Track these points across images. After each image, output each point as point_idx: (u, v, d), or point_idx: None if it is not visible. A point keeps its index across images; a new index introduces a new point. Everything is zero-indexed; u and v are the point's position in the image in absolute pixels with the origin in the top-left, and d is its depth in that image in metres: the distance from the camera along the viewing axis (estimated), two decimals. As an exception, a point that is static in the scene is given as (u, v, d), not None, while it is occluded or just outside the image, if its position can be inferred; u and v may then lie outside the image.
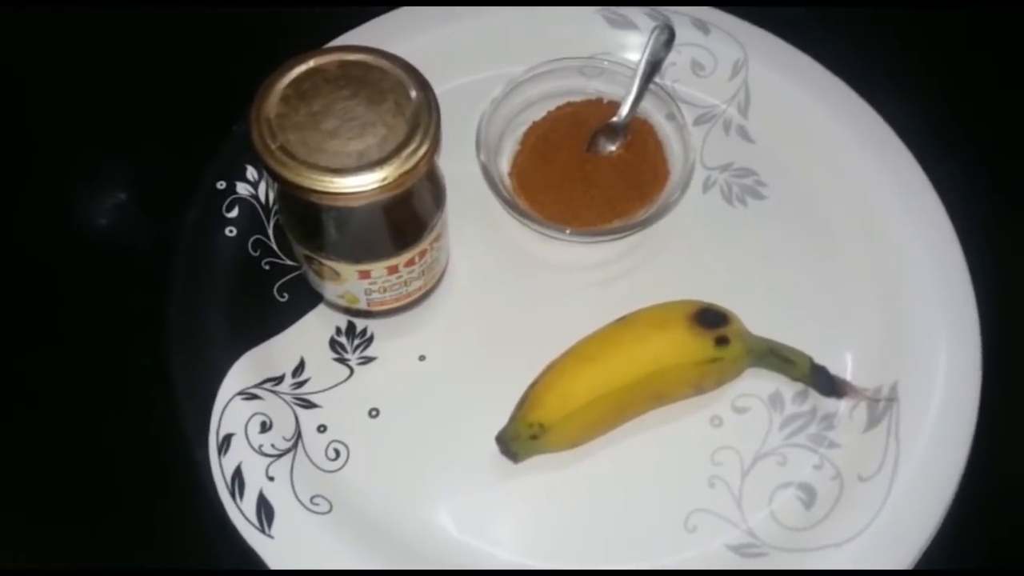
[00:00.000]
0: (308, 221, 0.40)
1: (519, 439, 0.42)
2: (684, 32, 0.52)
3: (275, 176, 0.36)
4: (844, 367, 0.45)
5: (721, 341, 0.42)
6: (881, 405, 0.44)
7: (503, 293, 0.48)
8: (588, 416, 0.42)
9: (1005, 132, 0.54)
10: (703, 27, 0.53)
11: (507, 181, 0.49)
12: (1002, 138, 0.54)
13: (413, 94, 0.37)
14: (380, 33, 0.50)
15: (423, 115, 0.37)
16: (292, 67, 0.37)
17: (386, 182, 0.36)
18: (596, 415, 0.42)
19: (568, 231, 0.47)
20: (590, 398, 0.42)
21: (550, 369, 0.43)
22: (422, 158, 0.36)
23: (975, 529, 0.42)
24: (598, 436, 0.43)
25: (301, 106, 0.37)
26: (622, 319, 0.44)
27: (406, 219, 0.40)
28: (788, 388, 0.45)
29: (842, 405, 0.45)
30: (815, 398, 0.45)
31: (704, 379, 0.43)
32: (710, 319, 0.43)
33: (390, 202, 0.37)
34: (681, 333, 0.43)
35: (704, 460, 0.43)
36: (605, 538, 0.42)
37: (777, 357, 0.44)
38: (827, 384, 0.44)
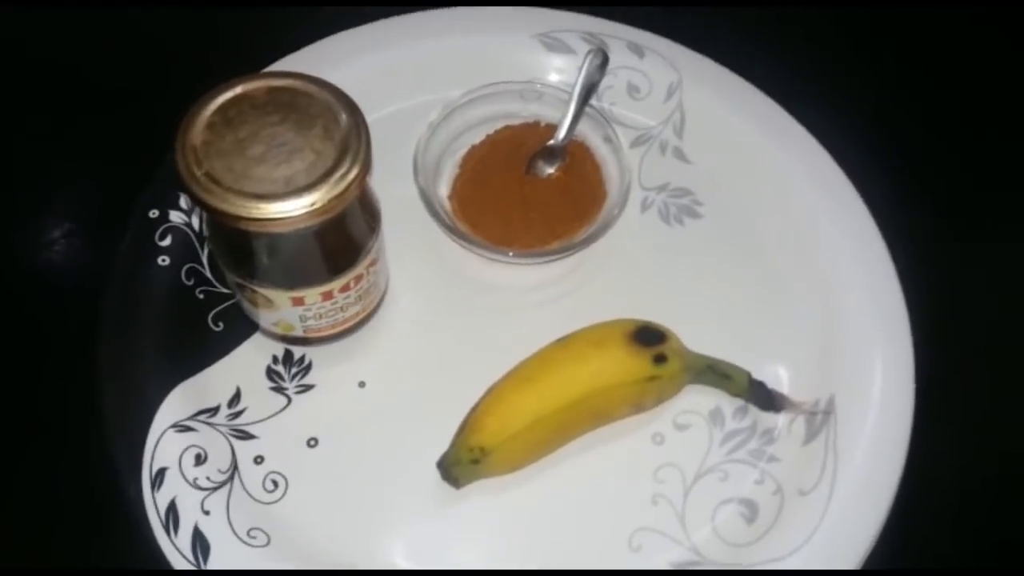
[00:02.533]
0: (238, 248, 0.39)
1: (460, 464, 0.41)
2: (619, 55, 0.53)
3: (201, 203, 0.35)
4: (781, 382, 0.46)
5: (659, 359, 0.43)
6: (819, 418, 0.45)
7: (444, 316, 0.47)
8: (529, 438, 0.42)
9: (935, 149, 0.56)
10: (638, 50, 0.54)
11: (446, 205, 0.49)
12: (932, 155, 0.55)
13: (342, 118, 0.37)
14: (316, 60, 0.50)
15: (352, 139, 0.37)
16: (218, 94, 0.37)
17: (315, 207, 0.35)
18: (537, 437, 0.42)
19: (510, 253, 0.47)
20: (530, 420, 0.41)
21: (490, 392, 0.43)
22: (352, 182, 0.36)
23: (914, 539, 0.43)
24: (540, 458, 0.43)
25: (227, 133, 0.36)
26: (561, 339, 0.44)
27: (339, 244, 0.40)
28: (728, 404, 0.45)
29: (781, 419, 0.45)
30: (755, 413, 0.45)
31: (643, 397, 0.43)
32: (648, 337, 0.43)
33: (321, 227, 0.37)
34: (619, 352, 0.43)
35: (647, 478, 0.43)
36: (550, 560, 0.41)
37: (715, 373, 0.44)
38: (765, 399, 0.44)
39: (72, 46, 0.56)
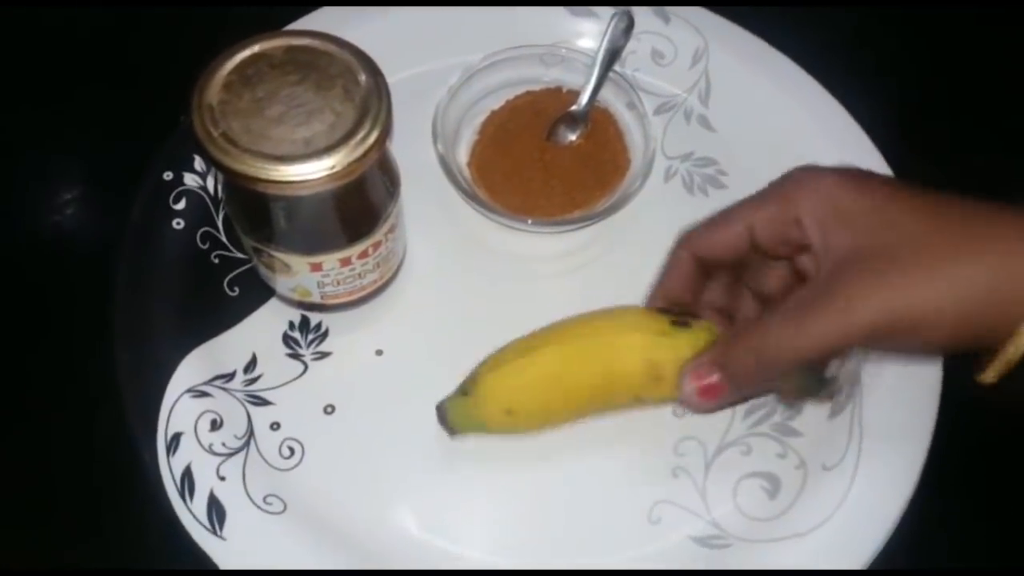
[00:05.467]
0: (255, 212, 0.39)
1: (452, 398, 0.40)
2: (644, 20, 0.52)
3: (218, 165, 0.34)
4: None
5: (679, 324, 0.40)
6: (843, 395, 0.44)
7: (462, 285, 0.47)
8: (522, 376, 0.39)
9: (965, 120, 0.54)
10: (663, 15, 0.53)
11: (466, 171, 0.48)
12: (961, 126, 0.54)
13: (362, 79, 0.36)
14: (334, 20, 0.49)
15: (373, 101, 0.36)
16: (236, 52, 0.36)
17: (335, 170, 0.34)
18: (533, 376, 0.39)
19: (529, 221, 0.46)
20: (524, 351, 0.40)
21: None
22: (372, 145, 0.35)
23: (938, 516, 0.42)
24: (540, 415, 0.40)
25: (245, 92, 0.35)
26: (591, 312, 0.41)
27: (358, 209, 0.39)
28: (751, 377, 0.45)
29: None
30: (778, 387, 0.44)
31: (656, 354, 0.39)
32: (675, 312, 0.40)
33: (340, 191, 0.36)
34: (638, 313, 0.41)
35: (667, 451, 0.43)
36: (569, 532, 0.41)
37: None
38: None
39: (86, 17, 0.55)
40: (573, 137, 0.49)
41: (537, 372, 0.40)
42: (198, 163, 0.48)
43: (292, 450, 0.42)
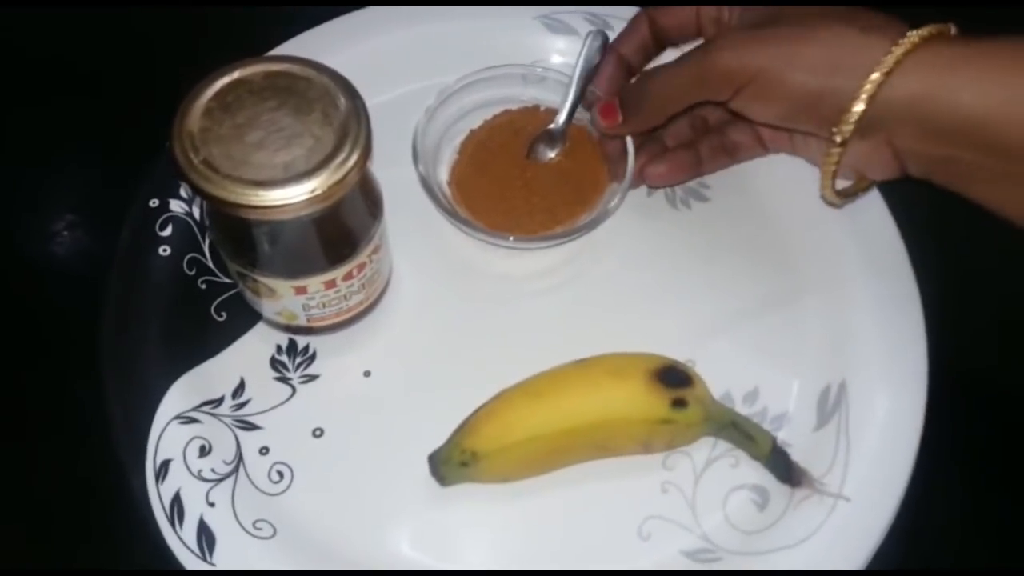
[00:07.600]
0: (238, 237, 0.39)
1: (449, 463, 0.41)
2: (622, 37, 0.52)
3: (199, 191, 0.35)
4: (791, 364, 0.45)
5: (678, 403, 0.40)
6: (830, 404, 0.44)
7: (448, 304, 0.47)
8: (523, 453, 0.41)
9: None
10: (640, 32, 0.53)
11: (447, 191, 0.48)
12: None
13: (341, 103, 0.36)
14: (313, 45, 0.49)
15: (352, 124, 0.36)
16: (216, 79, 0.36)
17: (315, 194, 0.35)
18: (531, 454, 0.41)
19: (511, 239, 0.46)
20: (528, 435, 0.40)
21: (497, 398, 0.42)
22: (352, 168, 0.36)
23: (927, 525, 0.42)
24: (532, 476, 0.42)
25: (225, 119, 0.36)
26: (582, 360, 0.42)
27: (341, 232, 0.39)
28: (738, 388, 0.45)
29: (792, 405, 0.44)
30: (765, 398, 0.44)
31: (652, 439, 0.42)
32: (672, 378, 0.41)
33: (322, 214, 0.36)
34: (637, 387, 0.40)
35: (656, 465, 0.43)
36: (559, 549, 0.41)
37: (738, 431, 0.41)
38: (784, 469, 0.42)
39: (71, 40, 0.55)
40: (552, 154, 0.49)
41: (538, 450, 0.41)
42: (184, 189, 0.48)
43: (281, 474, 0.42)
